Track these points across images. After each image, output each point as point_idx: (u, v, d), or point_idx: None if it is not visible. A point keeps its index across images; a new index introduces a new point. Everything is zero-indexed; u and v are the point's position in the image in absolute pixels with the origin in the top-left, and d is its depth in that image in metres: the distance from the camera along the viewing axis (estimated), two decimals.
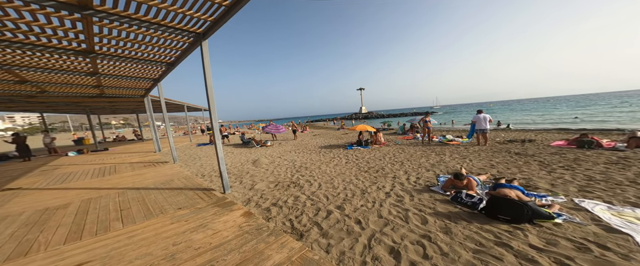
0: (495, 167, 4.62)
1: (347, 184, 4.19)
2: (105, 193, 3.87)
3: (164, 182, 4.50)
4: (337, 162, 6.19)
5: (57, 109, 11.94)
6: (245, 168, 5.99)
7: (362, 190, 3.78)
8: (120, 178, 4.87)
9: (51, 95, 7.65)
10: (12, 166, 7.31)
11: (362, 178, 4.54)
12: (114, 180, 4.75)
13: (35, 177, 5.38)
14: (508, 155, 5.50)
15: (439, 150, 6.88)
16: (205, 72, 3.47)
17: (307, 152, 8.37)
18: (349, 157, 6.78)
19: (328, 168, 5.60)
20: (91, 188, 4.19)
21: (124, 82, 6.56)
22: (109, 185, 4.41)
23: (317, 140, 12.66)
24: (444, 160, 5.52)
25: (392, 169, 5.01)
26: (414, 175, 4.40)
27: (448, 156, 5.92)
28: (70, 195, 3.80)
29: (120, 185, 4.39)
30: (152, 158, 7.36)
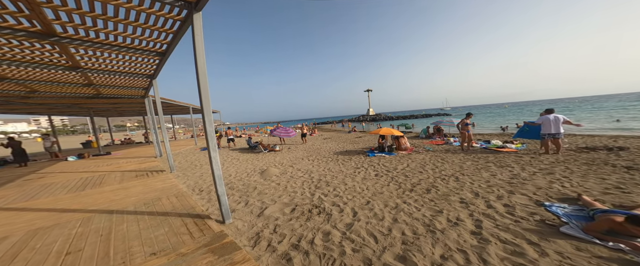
0: (610, 190, 3.19)
1: (395, 212, 2.94)
2: (65, 219, 2.87)
3: (149, 200, 3.47)
4: (364, 175, 4.95)
5: (63, 111, 11.59)
6: (252, 181, 4.88)
7: (427, 225, 2.52)
8: (99, 194, 3.90)
9: (45, 96, 7.03)
10: (1, 172, 6.66)
11: (412, 201, 3.27)
12: (91, 197, 3.78)
13: (9, 189, 4.56)
14: (614, 169, 4.01)
15: (494, 159, 5.44)
16: (196, 58, 2.42)
17: (322, 159, 7.19)
18: (377, 168, 5.52)
19: (356, 183, 4.37)
20: (54, 210, 3.21)
21: (117, 80, 5.74)
22: (79, 204, 3.44)
23: (329, 144, 11.47)
24: (518, 174, 4.10)
25: (450, 188, 3.69)
26: (495, 200, 3.06)
27: (518, 168, 4.49)
28: (19, 222, 2.82)
29: (94, 204, 3.40)
30: (149, 166, 6.47)
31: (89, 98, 7.89)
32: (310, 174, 5.30)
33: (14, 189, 4.48)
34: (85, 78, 5.41)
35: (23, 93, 6.32)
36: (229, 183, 4.78)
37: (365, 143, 11.00)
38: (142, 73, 5.21)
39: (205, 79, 2.47)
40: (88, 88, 6.42)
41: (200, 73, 2.44)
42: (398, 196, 3.53)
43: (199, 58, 2.42)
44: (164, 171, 5.68)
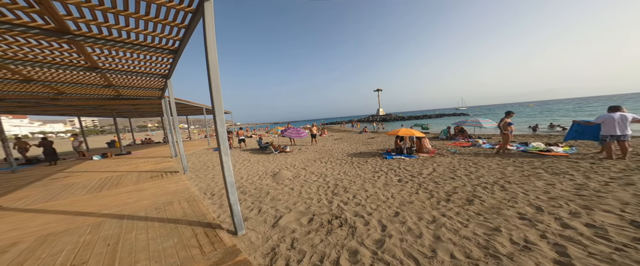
0: None
1: (435, 228, 2.48)
2: (77, 224, 2.76)
3: (161, 205, 3.31)
4: (385, 180, 4.48)
5: (90, 112, 12.32)
6: (265, 185, 4.61)
7: (484, 248, 2.04)
8: (114, 196, 3.84)
9: (72, 98, 7.37)
10: (33, 171, 7.07)
11: (453, 214, 2.77)
12: (106, 199, 3.73)
13: (34, 188, 4.71)
14: None
15: (542, 165, 4.65)
16: (208, 52, 2.16)
17: (335, 162, 6.79)
18: (398, 172, 5.01)
19: (377, 189, 3.93)
20: (68, 213, 3.15)
21: (134, 81, 5.80)
22: (94, 206, 3.36)
23: (340, 145, 11.03)
24: (585, 184, 3.38)
25: (498, 199, 3.11)
26: (570, 218, 2.45)
27: (580, 177, 3.75)
28: (33, 226, 2.76)
29: (107, 207, 3.31)
30: (164, 166, 6.49)
31: (110, 100, 8.19)
32: (325, 178, 4.93)
33: (39, 189, 4.61)
34: (105, 80, 5.51)
35: (52, 95, 6.64)
36: (241, 187, 4.56)
37: (379, 144, 10.42)
38: (157, 73, 5.18)
39: (216, 75, 2.21)
40: (109, 89, 6.59)
41: (211, 68, 2.17)
42: (433, 207, 3.04)
43: (211, 52, 2.16)
44: (177, 172, 5.63)
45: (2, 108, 8.47)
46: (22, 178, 5.81)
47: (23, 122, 61.49)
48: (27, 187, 4.78)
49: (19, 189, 4.66)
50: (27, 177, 5.95)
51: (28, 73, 4.54)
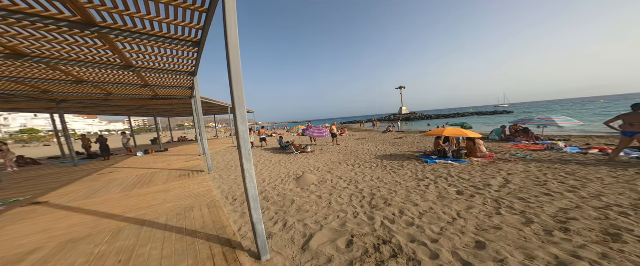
0: None
1: None
2: (99, 229, 2.59)
3: (182, 210, 3.04)
4: (437, 190, 3.54)
5: (136, 112, 13.81)
6: (288, 191, 4.10)
7: None
8: (142, 197, 3.78)
9: (119, 98, 8.09)
10: (89, 166, 7.96)
11: (596, 256, 1.78)
12: (134, 199, 3.66)
13: (83, 183, 5.07)
14: None
15: None
16: (227, 37, 1.64)
17: (364, 164, 5.97)
18: (451, 181, 3.98)
19: (431, 204, 3.04)
20: (96, 214, 3.08)
21: (165, 79, 5.93)
22: (121, 208, 3.27)
23: (364, 146, 10.08)
24: None
25: None
26: None
27: None
28: (60, 228, 2.69)
29: (133, 210, 3.17)
30: (192, 165, 6.58)
31: (150, 100, 8.82)
32: (357, 185, 4.19)
33: (86, 184, 4.93)
34: (141, 79, 5.72)
35: (103, 96, 7.33)
36: (263, 192, 4.12)
37: (410, 145, 9.19)
38: (184, 70, 5.14)
39: (237, 62, 1.68)
40: (146, 89, 6.96)
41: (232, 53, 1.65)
42: (542, 239, 2.07)
43: (231, 36, 1.65)
44: (203, 171, 5.56)
45: (68, 109, 9.88)
46: (78, 173, 6.48)
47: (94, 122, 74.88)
48: (78, 182, 5.18)
49: (71, 183, 5.07)
50: (82, 171, 6.62)
51: (77, 73, 4.87)
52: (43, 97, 6.86)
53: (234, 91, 1.68)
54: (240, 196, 3.98)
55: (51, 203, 3.65)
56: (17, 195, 4.22)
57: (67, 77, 5.09)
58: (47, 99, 7.09)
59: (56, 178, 5.70)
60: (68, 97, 7.25)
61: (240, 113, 1.73)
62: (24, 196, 4.14)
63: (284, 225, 2.78)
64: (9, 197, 4.08)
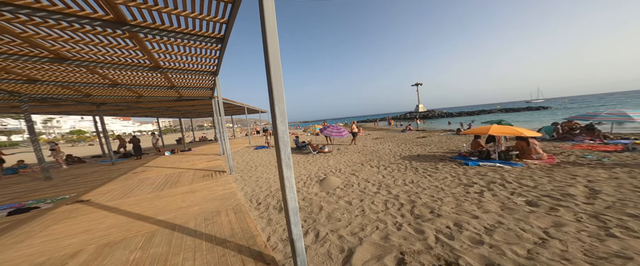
0: None
1: None
2: (133, 232, 2.57)
3: (210, 215, 2.94)
4: (495, 199, 3.00)
5: (164, 114, 14.73)
6: (313, 195, 3.82)
7: None
8: (171, 197, 3.80)
9: (149, 100, 8.55)
10: (124, 164, 8.55)
11: None
12: (164, 200, 3.69)
13: (119, 182, 5.35)
14: None
15: None
16: (265, 22, 1.36)
17: (390, 166, 5.49)
18: (511, 188, 3.39)
19: (499, 217, 2.55)
20: (131, 215, 3.11)
21: (189, 80, 6.03)
22: (153, 209, 3.28)
23: (385, 145, 9.51)
24: None
25: None
26: None
27: None
28: (100, 230, 2.73)
29: (164, 212, 3.16)
30: (214, 165, 6.67)
31: (175, 101, 9.22)
32: (389, 189, 3.77)
33: (121, 183, 5.19)
34: (167, 80, 5.88)
35: (134, 98, 7.79)
36: None
37: (437, 145, 8.44)
38: (207, 70, 5.14)
39: (275, 41, 1.39)
40: (172, 91, 7.20)
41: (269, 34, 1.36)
42: None
43: (268, 17, 1.35)
44: (224, 172, 5.56)
45: (107, 111, 10.78)
46: (115, 171, 6.94)
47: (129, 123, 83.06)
48: (115, 180, 5.49)
49: (109, 182, 5.38)
50: (118, 170, 7.09)
51: (113, 77, 5.12)
52: (85, 100, 7.47)
53: (273, 83, 1.40)
54: (263, 199, 3.81)
55: (92, 201, 3.82)
56: (64, 193, 4.54)
57: (104, 81, 5.39)
58: (89, 102, 7.72)
59: (97, 176, 6.13)
60: (106, 99, 7.82)
61: (279, 110, 1.45)
62: (70, 194, 4.44)
63: (317, 237, 2.50)
64: (57, 195, 4.41)
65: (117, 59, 4.04)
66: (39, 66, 4.01)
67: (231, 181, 4.71)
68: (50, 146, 8.44)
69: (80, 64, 3.87)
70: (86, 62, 3.91)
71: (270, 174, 5.62)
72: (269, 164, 7.03)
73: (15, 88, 5.28)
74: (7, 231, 2.80)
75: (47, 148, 8.35)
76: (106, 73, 4.84)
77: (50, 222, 3.00)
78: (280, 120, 1.46)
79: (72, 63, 3.80)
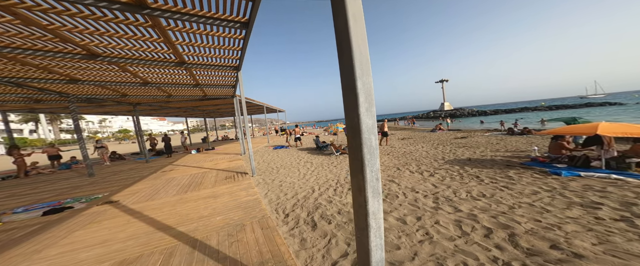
0: None
1: None
2: (150, 248, 2.23)
3: (233, 229, 2.51)
4: None
5: (191, 114, 15.53)
6: (351, 207, 3.14)
7: None
8: (194, 202, 3.52)
9: (178, 99, 8.81)
10: (156, 162, 8.95)
11: None
12: (187, 205, 3.41)
13: (148, 181, 5.39)
14: None
15: None
16: None
17: (438, 172, 4.56)
18: None
19: None
20: (152, 223, 2.83)
21: (212, 77, 5.86)
22: (175, 217, 2.99)
23: (417, 147, 8.39)
24: None
25: None
26: None
27: None
28: (118, 240, 2.48)
29: (185, 221, 2.84)
30: (236, 166, 6.45)
31: (200, 101, 9.39)
32: (453, 204, 2.96)
33: (150, 183, 5.20)
34: (192, 77, 5.78)
35: (165, 98, 8.04)
36: (318, 207, 3.28)
37: (487, 147, 7.10)
38: (229, 65, 4.85)
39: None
40: (197, 89, 7.20)
41: None
42: None
43: None
44: (246, 173, 5.23)
45: (142, 111, 11.57)
46: (147, 169, 7.18)
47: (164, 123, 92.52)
48: (145, 179, 5.55)
49: (139, 181, 5.45)
50: (150, 168, 7.34)
51: (143, 74, 5.13)
52: (123, 101, 7.93)
53: (354, 46, 0.77)
54: (291, 210, 3.27)
55: (120, 203, 3.73)
56: (99, 191, 4.64)
57: (135, 79, 5.47)
58: (126, 102, 8.21)
59: (131, 174, 6.34)
60: (140, 99, 8.23)
61: (364, 88, 0.80)
62: (103, 192, 4.50)
63: None
64: (93, 193, 4.50)
65: (144, 55, 3.91)
66: (77, 64, 4.08)
67: (253, 184, 4.31)
68: (98, 144, 9.24)
69: (111, 60, 3.81)
70: (116, 58, 3.84)
71: (293, 178, 5.11)
72: (290, 166, 6.56)
73: (62, 89, 5.65)
74: (33, 235, 2.72)
75: (101, 145, 9.11)
76: (136, 71, 4.83)
77: (75, 227, 2.87)
78: (365, 108, 0.82)
79: (104, 59, 3.75)
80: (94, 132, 56.54)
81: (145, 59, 4.07)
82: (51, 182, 6.14)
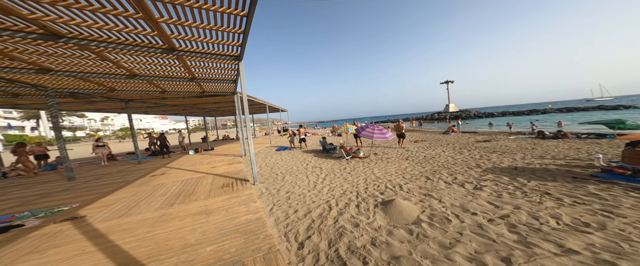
0: None
1: None
2: None
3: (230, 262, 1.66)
4: None
5: (191, 112, 14.82)
6: (384, 235, 2.40)
7: None
8: (177, 225, 2.74)
9: (173, 96, 8.08)
10: (149, 164, 8.21)
11: None
12: (168, 227, 2.64)
13: (130, 189, 4.65)
14: None
15: None
16: None
17: (485, 184, 3.72)
18: None
19: None
20: (115, 256, 2.01)
21: (210, 70, 5.10)
22: (145, 248, 2.20)
23: (438, 151, 7.60)
24: None
25: None
26: None
27: None
28: None
29: (159, 254, 2.05)
30: (235, 169, 5.68)
31: (199, 97, 8.65)
32: (548, 237, 2.09)
33: (133, 190, 4.45)
34: (186, 69, 5.03)
35: (158, 94, 7.31)
36: (339, 231, 2.47)
37: (523, 152, 6.25)
38: (229, 53, 4.08)
39: None
40: (194, 84, 6.45)
41: None
42: None
43: None
44: (247, 181, 4.44)
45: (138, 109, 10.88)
46: (138, 171, 6.44)
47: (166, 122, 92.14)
48: (129, 186, 4.81)
49: (122, 188, 4.71)
50: (140, 171, 6.61)
51: (128, 65, 4.40)
52: (114, 96, 7.22)
53: None
54: (304, 235, 2.50)
55: (85, 220, 2.97)
56: (70, 201, 3.89)
57: (120, 71, 4.73)
58: (117, 98, 7.51)
59: (115, 179, 5.59)
60: (132, 95, 7.51)
61: None
62: (73, 203, 3.75)
63: None
64: (60, 203, 3.75)
65: (121, 37, 3.15)
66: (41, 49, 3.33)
67: (255, 196, 3.53)
68: (100, 143, 8.57)
69: (80, 43, 3.06)
70: (86, 40, 3.09)
71: (303, 188, 4.30)
72: (297, 172, 5.75)
73: (36, 81, 4.94)
74: None
75: (102, 143, 8.50)
76: (118, 60, 4.09)
77: (6, 258, 2.09)
78: None
79: (70, 41, 3.00)
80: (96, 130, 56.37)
81: (124, 43, 3.31)
82: (27, 186, 5.42)
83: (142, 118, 71.41)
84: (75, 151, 17.94)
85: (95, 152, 8.49)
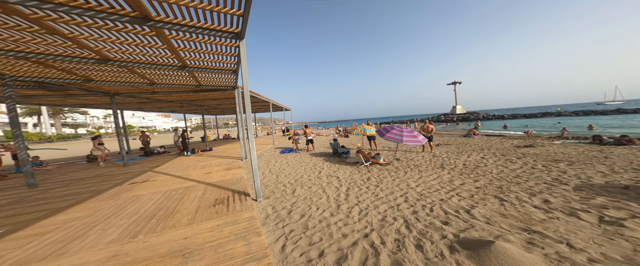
0: None
1: None
2: None
3: None
4: None
5: (189, 110, 13.84)
6: None
7: None
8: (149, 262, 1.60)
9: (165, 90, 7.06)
10: (135, 167, 7.23)
11: None
12: None
13: (92, 203, 3.62)
14: None
15: None
16: None
17: (620, 214, 2.52)
18: None
19: None
20: None
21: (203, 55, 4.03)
22: None
23: (474, 158, 6.35)
24: None
25: None
26: None
27: None
28: None
29: None
30: (233, 178, 4.61)
31: (195, 92, 7.62)
32: None
33: (94, 205, 3.43)
34: (174, 54, 3.96)
35: (147, 86, 6.29)
36: None
37: (609, 165, 4.84)
38: (227, 30, 2.99)
39: None
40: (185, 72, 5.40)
41: None
42: None
43: None
44: (248, 196, 3.36)
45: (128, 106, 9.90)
46: (116, 177, 5.44)
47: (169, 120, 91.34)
48: (95, 198, 3.78)
49: (85, 201, 3.68)
50: (123, 175, 5.60)
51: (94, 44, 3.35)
52: (94, 88, 6.22)
53: None
54: None
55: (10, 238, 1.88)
56: (3, 221, 2.82)
57: (85, 52, 3.69)
58: (99, 91, 6.52)
59: (85, 187, 4.53)
60: (116, 88, 6.51)
61: None
62: (21, 219, 2.69)
63: None
64: None
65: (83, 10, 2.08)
66: None
67: (259, 223, 2.46)
68: (98, 142, 7.72)
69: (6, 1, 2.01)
70: None
71: (322, 208, 3.15)
72: (309, 182, 4.57)
73: None
74: None
75: (100, 141, 7.70)
76: (74, 35, 3.03)
77: None
78: None
79: None
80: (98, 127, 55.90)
81: (64, 3, 2.24)
82: None
83: (145, 116, 71.03)
84: (70, 150, 17.03)
85: (94, 151, 7.70)
